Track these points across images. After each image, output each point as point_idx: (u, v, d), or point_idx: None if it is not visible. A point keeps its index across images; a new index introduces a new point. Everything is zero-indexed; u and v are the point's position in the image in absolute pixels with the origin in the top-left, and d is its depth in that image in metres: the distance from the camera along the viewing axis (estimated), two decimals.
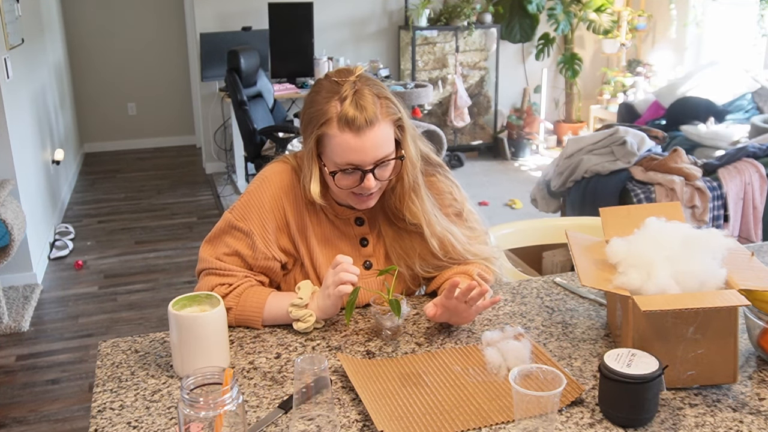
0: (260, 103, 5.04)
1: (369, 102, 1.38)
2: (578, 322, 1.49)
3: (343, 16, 6.18)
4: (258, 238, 1.49)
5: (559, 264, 2.90)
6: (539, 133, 6.65)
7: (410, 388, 1.23)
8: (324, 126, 1.39)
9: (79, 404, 2.83)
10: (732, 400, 1.19)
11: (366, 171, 1.41)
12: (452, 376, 1.27)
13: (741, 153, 3.69)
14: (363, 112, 1.36)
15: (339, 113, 1.37)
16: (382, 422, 1.12)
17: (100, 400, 1.23)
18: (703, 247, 1.27)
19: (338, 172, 1.42)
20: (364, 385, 1.22)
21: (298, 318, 1.41)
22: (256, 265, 1.51)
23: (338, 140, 1.38)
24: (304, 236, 1.54)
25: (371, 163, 1.41)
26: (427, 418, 1.14)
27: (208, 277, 1.50)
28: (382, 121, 1.39)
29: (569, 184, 3.88)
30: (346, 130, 1.37)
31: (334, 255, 1.52)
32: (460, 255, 1.56)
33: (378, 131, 1.39)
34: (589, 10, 6.41)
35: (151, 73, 7.02)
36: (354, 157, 1.39)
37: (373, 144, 1.39)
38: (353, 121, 1.36)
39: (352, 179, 1.43)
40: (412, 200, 1.51)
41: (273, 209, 1.51)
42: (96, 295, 3.86)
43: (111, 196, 5.68)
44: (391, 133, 1.43)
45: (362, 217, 1.57)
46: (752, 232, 3.63)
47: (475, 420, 1.14)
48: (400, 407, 1.17)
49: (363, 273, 1.56)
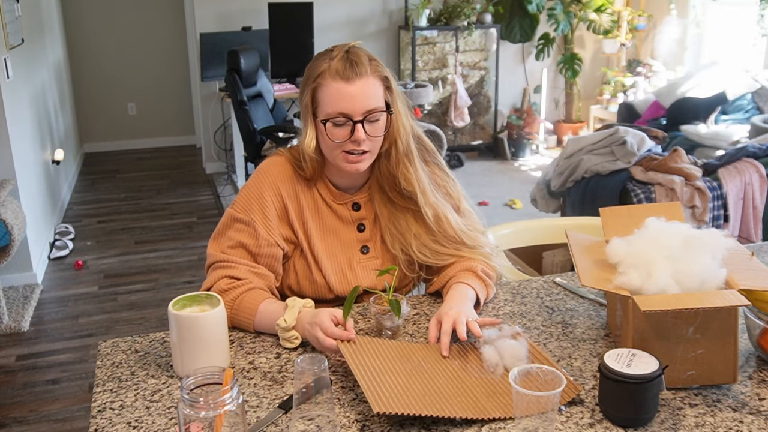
0: (260, 103, 5.04)
1: (360, 58, 1.48)
2: (578, 322, 1.49)
3: (343, 16, 6.18)
4: (260, 226, 1.53)
5: (559, 264, 2.91)
6: (539, 133, 6.65)
7: (409, 369, 1.24)
8: (318, 78, 1.48)
9: (79, 404, 2.83)
10: (732, 400, 1.19)
11: (356, 121, 1.46)
12: (451, 368, 1.28)
13: (741, 153, 3.69)
14: (354, 66, 1.46)
15: (331, 66, 1.47)
16: (378, 402, 1.11)
17: (100, 400, 1.23)
18: (703, 247, 1.27)
19: (329, 121, 1.47)
20: (362, 363, 1.22)
21: (286, 338, 1.39)
22: (260, 254, 1.54)
23: (330, 89, 1.47)
24: (302, 222, 1.58)
25: (361, 113, 1.47)
26: (426, 399, 1.14)
27: (214, 271, 1.53)
28: (371, 75, 1.48)
29: (569, 184, 3.88)
30: (337, 79, 1.46)
31: (332, 241, 1.59)
32: (456, 234, 1.58)
33: (367, 82, 1.47)
34: (589, 10, 6.41)
35: (151, 73, 7.02)
36: (344, 105, 1.46)
37: (362, 92, 1.46)
38: (343, 71, 1.46)
39: (343, 132, 1.48)
40: (406, 167, 1.55)
41: (272, 198, 1.56)
42: (96, 295, 3.86)
43: (111, 196, 5.67)
44: (380, 90, 1.50)
45: (359, 202, 1.61)
46: (752, 232, 3.63)
47: (473, 410, 1.14)
48: (399, 385, 1.17)
49: (360, 258, 1.60)
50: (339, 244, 1.60)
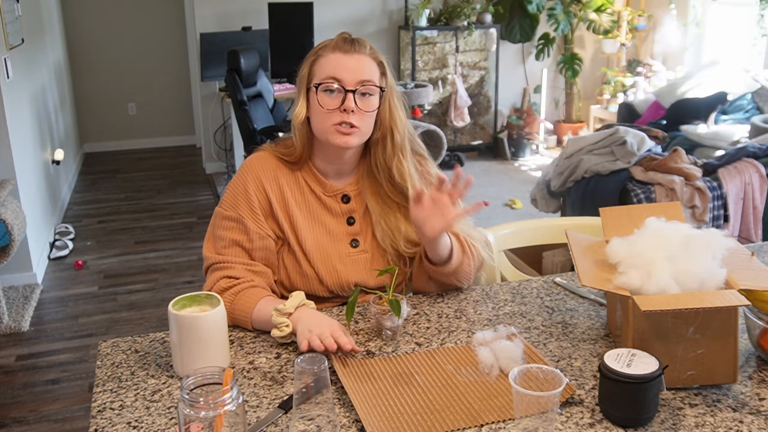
0: (260, 103, 5.04)
1: (361, 40, 1.55)
2: (578, 322, 1.49)
3: (343, 16, 6.18)
4: (249, 220, 1.54)
5: (559, 264, 2.91)
6: (539, 133, 6.65)
7: (402, 388, 1.23)
8: (319, 51, 1.55)
9: (79, 404, 2.83)
10: (732, 400, 1.19)
11: (348, 90, 1.49)
12: (444, 376, 1.27)
13: (741, 153, 3.69)
14: (353, 43, 1.54)
15: (332, 42, 1.55)
16: (372, 424, 1.12)
17: (100, 400, 1.23)
18: (703, 247, 1.27)
19: (321, 85, 1.50)
20: (356, 387, 1.23)
21: (277, 324, 1.38)
22: (254, 248, 1.54)
23: (327, 59, 1.53)
24: (287, 215, 1.57)
25: (353, 83, 1.49)
26: (418, 417, 1.15)
27: (213, 273, 1.54)
28: (368, 55, 1.54)
29: (569, 184, 3.88)
30: (336, 51, 1.53)
31: (320, 233, 1.59)
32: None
33: (364, 59, 1.53)
34: (589, 10, 6.41)
35: (151, 73, 7.02)
36: (338, 71, 1.50)
37: (357, 63, 1.51)
38: (343, 44, 1.53)
39: (334, 100, 1.50)
40: (399, 160, 1.58)
41: (255, 192, 1.57)
42: (96, 295, 3.86)
43: (111, 196, 5.67)
44: (376, 72, 1.54)
45: (348, 195, 1.61)
46: (752, 232, 3.63)
47: (466, 420, 1.14)
48: (391, 407, 1.17)
49: (350, 251, 1.60)
50: (328, 236, 1.59)
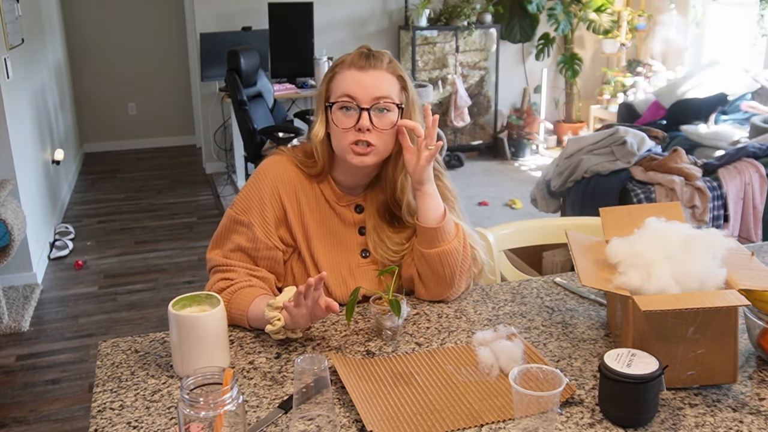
0: (260, 103, 5.04)
1: (379, 54, 1.51)
2: (578, 322, 1.49)
3: (343, 16, 6.18)
4: (258, 229, 1.52)
5: (559, 264, 2.91)
6: (539, 133, 6.65)
7: (402, 388, 1.23)
8: (336, 68, 1.52)
9: (79, 404, 2.83)
10: (732, 400, 1.19)
11: (363, 108, 1.46)
12: (444, 376, 1.27)
13: (741, 153, 3.69)
14: (370, 58, 1.50)
15: (349, 58, 1.51)
16: (372, 423, 1.12)
17: (100, 400, 1.23)
18: (703, 247, 1.27)
19: (336, 104, 1.48)
20: (356, 386, 1.23)
21: (269, 319, 1.37)
22: (260, 257, 1.53)
23: (344, 75, 1.49)
24: (301, 224, 1.56)
25: (369, 100, 1.46)
26: (418, 417, 1.15)
27: (214, 275, 1.54)
28: (386, 70, 1.50)
29: (569, 184, 3.88)
30: (353, 68, 1.49)
31: (333, 242, 1.57)
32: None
33: (381, 74, 1.49)
34: (589, 10, 6.41)
35: (151, 73, 7.02)
36: (353, 89, 1.47)
37: (373, 81, 1.47)
38: (359, 60, 1.49)
39: (349, 119, 1.47)
40: (405, 176, 1.54)
41: (271, 199, 1.54)
42: (96, 295, 3.86)
43: (111, 196, 5.67)
44: (395, 87, 1.50)
45: (362, 204, 1.60)
46: (752, 232, 3.63)
47: (466, 420, 1.14)
48: (391, 407, 1.17)
49: (360, 262, 1.59)
50: (340, 248, 1.58)
